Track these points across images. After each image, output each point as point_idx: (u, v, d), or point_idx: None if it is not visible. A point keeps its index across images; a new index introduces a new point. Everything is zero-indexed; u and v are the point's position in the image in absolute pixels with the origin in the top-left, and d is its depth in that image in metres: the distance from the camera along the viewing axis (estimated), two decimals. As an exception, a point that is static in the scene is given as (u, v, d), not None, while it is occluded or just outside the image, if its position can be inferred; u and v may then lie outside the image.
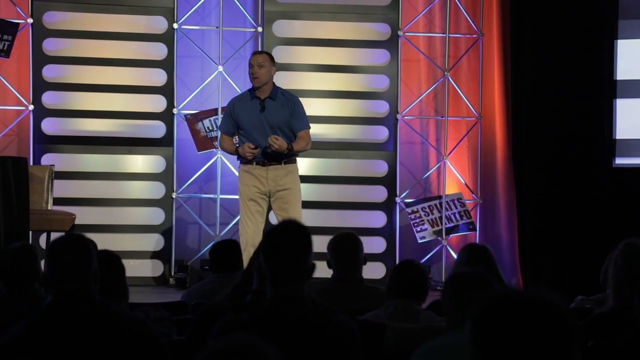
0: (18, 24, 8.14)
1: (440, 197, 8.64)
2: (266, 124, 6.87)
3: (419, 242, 8.60)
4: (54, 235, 6.91)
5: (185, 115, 8.41)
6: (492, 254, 4.40)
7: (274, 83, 6.98)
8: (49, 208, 7.66)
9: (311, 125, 8.56)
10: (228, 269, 5.21)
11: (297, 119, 6.94)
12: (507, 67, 8.74)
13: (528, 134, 8.69)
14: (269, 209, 7.01)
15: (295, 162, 7.01)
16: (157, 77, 8.48)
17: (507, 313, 1.88)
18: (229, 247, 5.42)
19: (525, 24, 8.70)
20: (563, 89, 8.65)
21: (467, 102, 8.75)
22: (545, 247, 8.54)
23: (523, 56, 8.70)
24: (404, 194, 8.68)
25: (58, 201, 7.91)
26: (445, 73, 8.69)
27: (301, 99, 8.54)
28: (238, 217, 8.05)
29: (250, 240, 6.75)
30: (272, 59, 7.00)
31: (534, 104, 8.69)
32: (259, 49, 8.45)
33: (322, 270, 4.46)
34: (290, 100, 6.99)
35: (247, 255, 6.04)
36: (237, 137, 7.07)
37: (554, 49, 8.66)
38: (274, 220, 7.42)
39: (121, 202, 8.44)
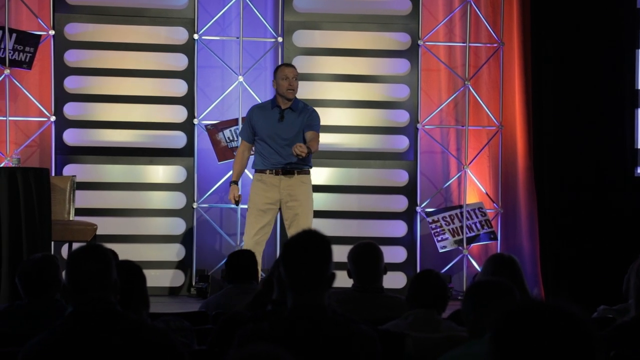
0: (40, 35, 8.19)
1: (461, 207, 8.62)
2: (283, 133, 6.96)
3: (440, 251, 8.58)
4: (76, 246, 6.93)
5: (206, 125, 8.43)
6: (519, 264, 4.38)
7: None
8: (71, 218, 7.70)
9: (332, 134, 8.62)
10: (244, 279, 5.21)
11: (310, 122, 7.02)
12: (528, 76, 8.72)
13: (549, 143, 8.66)
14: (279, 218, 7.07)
15: (308, 173, 7.08)
16: (178, 87, 8.51)
17: (527, 323, 1.87)
18: (244, 257, 5.42)
19: (545, 33, 8.68)
20: (584, 98, 8.62)
21: (487, 111, 8.73)
22: (566, 256, 8.50)
23: (544, 65, 8.68)
24: (424, 204, 8.66)
25: (80, 212, 7.94)
26: (466, 82, 8.68)
27: (321, 109, 8.57)
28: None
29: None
30: None
31: (554, 113, 8.66)
32: (280, 60, 8.48)
33: (343, 280, 4.45)
34: (309, 107, 7.15)
35: None
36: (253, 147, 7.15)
37: (574, 58, 8.64)
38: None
39: (142, 213, 8.46)
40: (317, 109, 8.39)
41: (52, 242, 7.03)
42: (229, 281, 5.30)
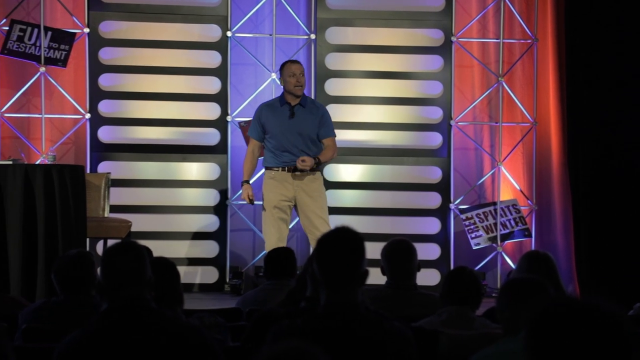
0: (75, 33, 8.25)
1: (494, 204, 8.59)
2: (294, 130, 7.01)
3: (474, 248, 8.55)
4: (111, 243, 6.98)
5: (239, 122, 8.45)
6: (554, 261, 4.36)
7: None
8: (106, 215, 7.75)
9: (365, 131, 8.61)
10: (282, 276, 5.22)
11: (324, 127, 7.11)
12: (562, 72, 8.66)
13: (584, 138, 8.60)
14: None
15: (320, 170, 7.16)
16: (211, 84, 8.54)
17: (562, 321, 1.86)
18: (283, 255, 5.43)
19: (580, 28, 8.61)
20: (619, 93, 8.54)
21: (521, 107, 8.69)
22: (602, 253, 8.43)
23: (578, 60, 8.62)
24: (458, 200, 8.63)
25: (114, 208, 7.99)
26: (500, 79, 8.64)
27: (354, 106, 8.59)
28: (292, 224, 8.12)
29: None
30: None
31: (589, 109, 8.59)
32: (313, 57, 8.49)
33: (376, 277, 4.45)
34: (320, 108, 7.18)
35: None
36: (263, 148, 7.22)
37: (609, 53, 8.56)
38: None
39: (176, 209, 8.50)
40: (350, 105, 8.42)
41: (87, 239, 7.08)
42: (268, 278, 5.32)
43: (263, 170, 7.38)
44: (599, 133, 8.57)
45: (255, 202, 7.48)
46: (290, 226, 8.18)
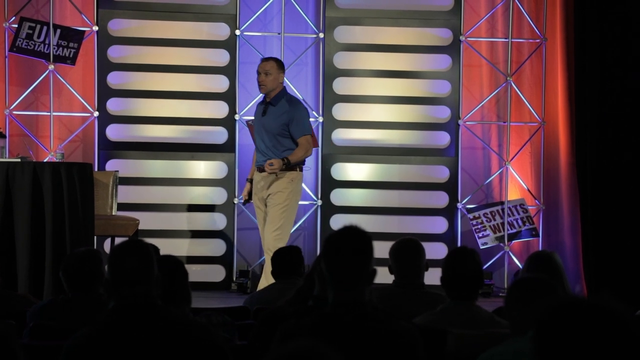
0: (84, 31, 8.27)
1: (502, 203, 8.58)
2: (263, 128, 7.02)
3: (481, 248, 8.54)
4: (119, 241, 6.99)
5: (247, 121, 8.45)
6: (557, 260, 4.33)
7: (284, 88, 7.10)
8: (113, 213, 7.76)
9: (373, 130, 8.60)
10: (290, 275, 5.22)
11: (295, 126, 6.98)
12: (571, 72, 8.65)
13: (592, 138, 8.58)
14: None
15: (292, 170, 6.98)
16: (219, 83, 8.54)
17: (570, 321, 1.86)
18: (290, 254, 5.43)
19: (589, 28, 8.60)
20: (628, 93, 8.53)
21: (529, 107, 8.68)
22: (609, 253, 8.42)
23: (587, 60, 8.60)
24: (465, 200, 8.63)
25: (122, 206, 8.00)
26: (508, 78, 8.63)
27: (362, 105, 8.58)
28: (299, 223, 8.16)
29: (265, 244, 6.99)
30: (279, 65, 7.07)
31: (598, 109, 8.58)
32: (321, 55, 8.49)
33: (384, 276, 4.45)
34: (292, 107, 7.02)
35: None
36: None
37: (618, 53, 8.55)
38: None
39: (184, 208, 8.51)
40: (357, 104, 8.42)
41: (95, 237, 7.09)
42: (275, 277, 5.31)
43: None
44: (607, 133, 8.55)
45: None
46: (296, 226, 8.21)
